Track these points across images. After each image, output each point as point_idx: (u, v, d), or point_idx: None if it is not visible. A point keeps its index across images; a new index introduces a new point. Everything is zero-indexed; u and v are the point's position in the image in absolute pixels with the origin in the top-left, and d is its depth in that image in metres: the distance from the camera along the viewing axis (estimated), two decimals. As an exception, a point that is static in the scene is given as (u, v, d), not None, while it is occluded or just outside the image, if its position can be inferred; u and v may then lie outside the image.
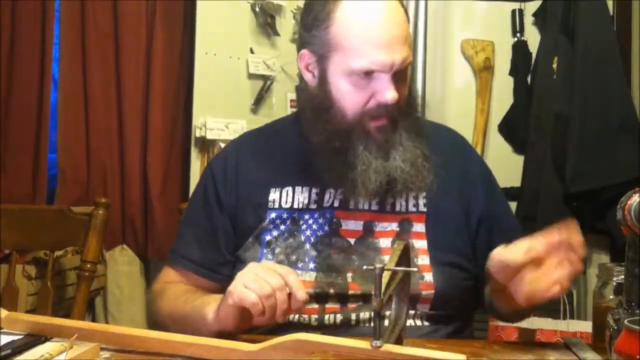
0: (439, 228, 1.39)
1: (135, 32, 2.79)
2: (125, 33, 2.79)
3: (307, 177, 1.40)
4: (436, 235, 1.38)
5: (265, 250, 1.38)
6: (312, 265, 1.35)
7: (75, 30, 2.76)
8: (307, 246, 1.37)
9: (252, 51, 2.77)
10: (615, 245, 2.79)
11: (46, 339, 1.09)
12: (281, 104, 2.85)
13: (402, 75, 1.34)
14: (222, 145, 2.62)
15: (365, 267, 1.06)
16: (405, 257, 1.05)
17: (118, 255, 2.78)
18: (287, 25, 2.88)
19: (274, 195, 1.41)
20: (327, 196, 1.40)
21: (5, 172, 2.69)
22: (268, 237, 1.39)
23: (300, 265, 1.35)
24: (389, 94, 1.30)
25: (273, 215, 1.40)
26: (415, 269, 1.31)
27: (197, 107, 2.66)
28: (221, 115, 2.66)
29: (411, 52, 1.35)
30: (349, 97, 1.33)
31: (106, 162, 2.80)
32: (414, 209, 1.40)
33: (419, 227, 1.39)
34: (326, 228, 1.38)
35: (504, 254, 1.11)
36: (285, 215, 1.39)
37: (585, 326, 2.40)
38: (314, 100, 1.39)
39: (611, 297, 1.19)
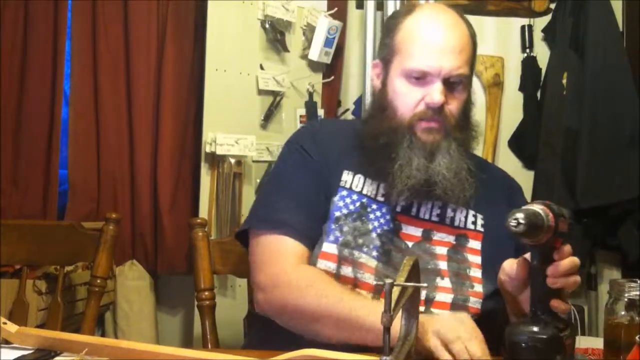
0: (493, 250, 1.45)
1: (146, 48, 2.81)
2: (136, 49, 2.81)
3: (376, 173, 1.46)
4: (490, 256, 1.44)
5: (333, 226, 1.43)
6: (375, 253, 1.41)
7: (86, 46, 2.78)
8: (374, 235, 1.42)
9: (261, 67, 2.78)
10: (627, 261, 2.77)
11: (56, 354, 1.09)
12: (291, 119, 2.86)
13: (456, 87, 1.43)
14: (232, 160, 2.64)
15: (375, 282, 1.07)
16: (415, 272, 1.04)
17: (128, 271, 2.78)
18: (296, 41, 2.89)
19: (346, 176, 1.47)
20: (393, 196, 1.45)
21: (17, 187, 2.70)
22: (337, 213, 1.44)
23: (365, 249, 1.41)
24: (436, 96, 1.38)
25: (344, 193, 1.46)
26: (426, 285, 1.33)
27: (207, 122, 2.67)
28: (231, 131, 2.66)
29: (468, 68, 1.44)
30: (402, 98, 1.43)
31: (116, 177, 2.81)
32: (472, 227, 1.48)
33: (475, 244, 1.46)
34: (391, 225, 1.44)
35: (508, 266, 1.22)
36: (355, 197, 1.45)
37: (596, 342, 2.38)
38: (374, 104, 1.51)
39: (622, 313, 1.18)
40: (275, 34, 2.79)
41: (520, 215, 1.00)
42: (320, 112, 2.91)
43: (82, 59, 2.78)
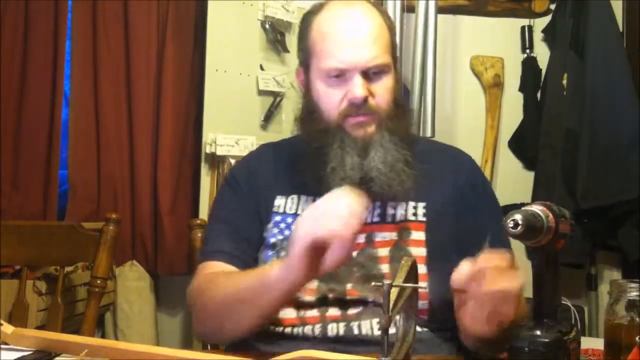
0: (437, 238, 1.39)
1: (146, 49, 2.81)
2: (136, 50, 2.81)
3: (311, 188, 1.41)
4: (435, 244, 1.38)
5: (270, 252, 1.41)
6: None
7: (86, 47, 2.78)
8: None
9: (262, 68, 2.79)
10: (627, 262, 2.77)
11: (55, 355, 1.09)
12: (291, 120, 2.82)
13: (378, 77, 1.38)
14: (232, 161, 2.63)
15: (373, 283, 1.06)
16: (413, 273, 1.04)
17: (128, 271, 2.78)
18: (296, 42, 2.89)
19: (279, 201, 1.46)
20: None
21: (17, 188, 2.70)
22: (273, 240, 1.41)
23: None
24: (357, 91, 1.35)
25: (278, 218, 1.44)
26: (424, 286, 1.31)
27: (207, 123, 2.67)
28: (231, 132, 2.66)
29: (388, 56, 1.40)
30: (325, 99, 1.40)
31: (117, 178, 2.81)
32: (412, 218, 1.41)
33: (418, 235, 1.39)
34: None
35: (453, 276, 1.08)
36: (289, 220, 1.42)
37: (596, 343, 2.38)
38: (303, 110, 1.47)
39: (623, 314, 1.18)
40: (276, 35, 2.79)
41: (518, 217, 0.98)
42: (321, 113, 2.91)
43: (82, 60, 2.78)
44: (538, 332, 1.05)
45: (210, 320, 1.32)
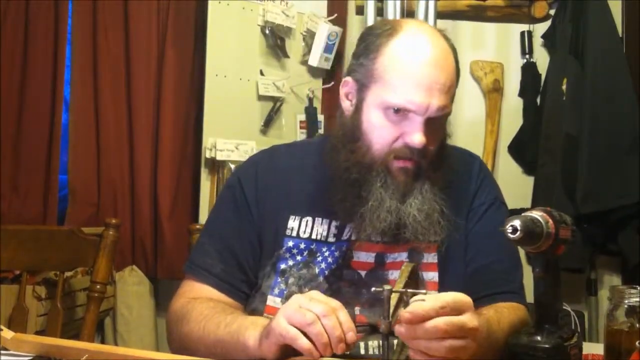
0: (450, 258, 1.36)
1: (146, 54, 2.82)
2: (136, 55, 2.81)
3: (329, 209, 1.36)
4: (447, 266, 1.35)
5: (279, 279, 1.36)
6: None
7: (86, 52, 2.78)
8: (320, 279, 1.35)
9: (262, 73, 2.79)
10: (627, 266, 2.77)
11: (55, 361, 1.09)
12: (291, 125, 2.86)
13: (437, 125, 1.31)
14: (232, 166, 2.63)
15: (373, 289, 1.06)
16: (413, 278, 1.04)
17: (127, 276, 2.78)
18: (296, 47, 2.89)
19: (292, 223, 1.39)
20: (346, 229, 1.37)
21: (17, 192, 2.70)
22: (283, 266, 1.36)
23: None
24: (417, 137, 1.27)
25: (290, 243, 1.38)
26: (424, 291, 1.30)
27: (207, 128, 2.67)
28: (231, 137, 2.67)
29: (451, 105, 1.32)
30: (377, 132, 1.31)
31: (116, 183, 2.81)
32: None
33: (430, 257, 1.36)
34: (340, 261, 1.36)
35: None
36: (302, 246, 1.37)
37: (596, 348, 2.38)
38: (345, 129, 1.38)
39: (623, 319, 1.18)
40: (276, 40, 2.80)
41: (516, 222, 0.98)
42: (321, 118, 2.91)
43: (82, 65, 2.78)
44: (539, 338, 1.05)
45: (182, 351, 1.26)
